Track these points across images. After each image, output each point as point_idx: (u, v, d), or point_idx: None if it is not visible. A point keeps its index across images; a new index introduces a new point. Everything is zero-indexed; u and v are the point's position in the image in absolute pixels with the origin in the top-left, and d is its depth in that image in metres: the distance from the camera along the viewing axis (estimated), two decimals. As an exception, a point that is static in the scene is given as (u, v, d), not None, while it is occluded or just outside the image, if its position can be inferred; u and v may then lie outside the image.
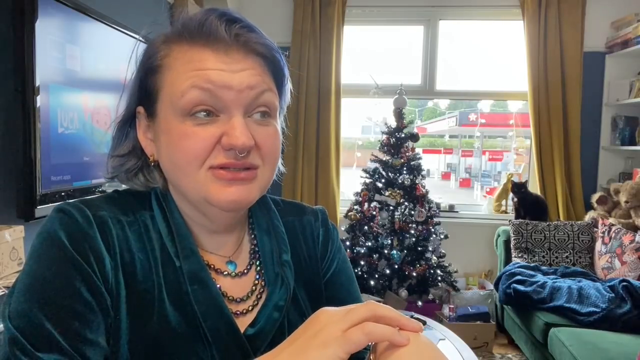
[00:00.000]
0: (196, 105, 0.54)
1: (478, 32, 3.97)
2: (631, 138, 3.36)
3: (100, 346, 0.51)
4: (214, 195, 0.55)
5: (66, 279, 0.51)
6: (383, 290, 3.13)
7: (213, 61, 0.54)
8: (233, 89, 0.54)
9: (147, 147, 0.61)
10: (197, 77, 0.54)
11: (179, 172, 0.57)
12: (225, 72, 0.54)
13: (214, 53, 0.55)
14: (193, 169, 0.55)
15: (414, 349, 0.44)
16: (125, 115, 0.62)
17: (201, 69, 0.54)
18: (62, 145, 1.80)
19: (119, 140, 0.63)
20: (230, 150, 0.54)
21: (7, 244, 1.48)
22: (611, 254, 2.89)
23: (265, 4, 3.64)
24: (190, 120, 0.54)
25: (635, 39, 3.17)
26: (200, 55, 0.55)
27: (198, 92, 0.54)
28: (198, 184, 0.56)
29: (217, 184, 0.55)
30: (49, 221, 0.54)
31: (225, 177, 0.55)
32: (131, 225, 0.58)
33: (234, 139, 0.53)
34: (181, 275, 0.58)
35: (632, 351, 2.04)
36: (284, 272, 0.65)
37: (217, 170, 0.55)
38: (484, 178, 7.24)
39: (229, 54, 0.55)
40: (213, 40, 0.55)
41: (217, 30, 0.54)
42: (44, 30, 1.66)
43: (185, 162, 0.55)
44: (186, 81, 0.54)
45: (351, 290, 0.74)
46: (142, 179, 0.63)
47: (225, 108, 0.55)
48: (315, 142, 3.55)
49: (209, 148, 0.54)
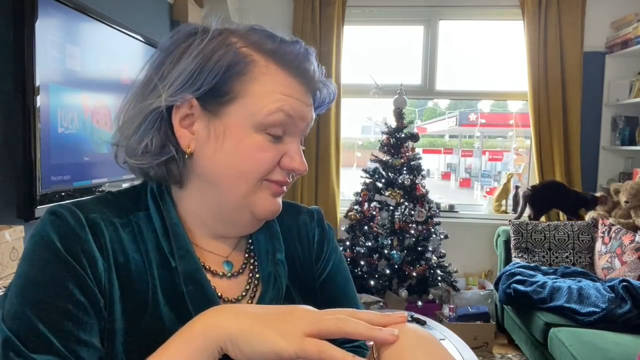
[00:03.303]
0: (276, 126, 0.58)
1: (478, 32, 3.97)
2: (631, 138, 3.36)
3: (95, 347, 0.51)
4: (262, 204, 0.60)
5: (59, 280, 0.51)
6: (383, 290, 3.13)
7: (300, 93, 0.60)
8: (305, 121, 0.61)
9: (184, 137, 0.58)
10: (287, 103, 0.58)
11: (237, 177, 0.58)
12: (305, 105, 0.61)
13: (301, 86, 0.60)
14: (255, 178, 0.59)
15: (416, 345, 0.44)
16: (169, 102, 0.57)
17: (290, 96, 0.59)
18: (62, 145, 1.80)
19: (146, 127, 0.58)
20: (289, 171, 0.61)
21: (7, 244, 1.48)
22: (611, 254, 2.89)
23: (265, 4, 3.64)
24: (265, 135, 0.58)
25: (635, 39, 3.17)
26: (291, 82, 0.59)
27: (284, 116, 0.58)
28: (249, 193, 0.59)
29: (267, 195, 0.61)
30: (42, 224, 0.54)
31: (277, 192, 0.62)
32: (125, 227, 0.58)
33: (298, 164, 0.60)
34: (177, 276, 0.58)
35: (632, 351, 2.04)
36: (277, 271, 0.65)
37: (272, 184, 0.61)
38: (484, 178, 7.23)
39: (307, 90, 0.61)
40: (304, 74, 0.60)
41: (310, 68, 0.61)
42: (44, 30, 1.66)
43: (254, 170, 0.58)
44: (275, 103, 0.58)
45: (347, 290, 0.74)
46: (173, 171, 0.60)
47: (292, 133, 0.61)
48: (315, 142, 3.55)
49: (275, 164, 0.60)
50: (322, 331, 0.44)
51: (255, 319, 0.46)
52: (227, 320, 0.46)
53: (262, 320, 0.46)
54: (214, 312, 0.48)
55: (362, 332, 0.44)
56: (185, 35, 0.59)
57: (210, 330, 0.46)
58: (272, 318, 0.46)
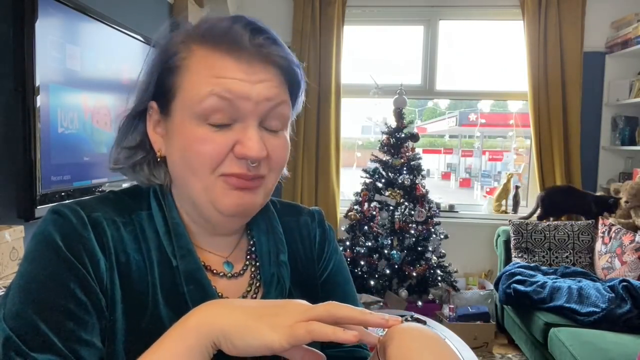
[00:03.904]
0: (214, 112, 0.54)
1: (478, 32, 3.97)
2: (631, 138, 3.36)
3: (96, 347, 0.51)
4: (221, 201, 0.57)
5: (60, 280, 0.51)
6: (383, 290, 3.13)
7: (234, 70, 0.54)
8: (251, 99, 0.55)
9: (156, 142, 0.61)
10: (217, 85, 0.54)
11: (189, 174, 0.57)
12: (245, 82, 0.54)
13: (236, 62, 0.55)
14: (205, 172, 0.56)
15: (423, 345, 0.44)
16: (136, 108, 0.62)
17: (222, 77, 0.54)
18: (62, 145, 1.80)
19: (127, 132, 0.63)
20: (242, 160, 0.55)
21: (7, 244, 1.48)
22: (611, 254, 2.89)
23: (265, 4, 3.64)
24: (207, 125, 0.55)
25: (635, 39, 3.17)
26: (222, 62, 0.55)
27: (217, 100, 0.54)
28: (207, 188, 0.57)
29: (225, 190, 0.56)
30: (44, 223, 0.54)
31: (236, 185, 0.56)
32: (126, 226, 0.58)
33: (248, 149, 0.54)
34: (178, 276, 0.58)
35: (632, 351, 2.04)
36: (281, 272, 0.65)
37: (228, 177, 0.56)
38: (484, 178, 7.22)
39: (250, 64, 0.55)
40: (236, 48, 0.55)
41: (241, 38, 0.54)
42: (44, 30, 1.66)
43: (199, 165, 0.56)
44: (206, 87, 0.54)
45: (347, 290, 0.74)
46: (147, 173, 0.63)
47: (241, 117, 0.55)
48: (315, 142, 3.55)
49: (224, 154, 0.55)
50: (312, 318, 0.44)
51: (248, 313, 0.46)
52: (220, 316, 0.46)
53: (255, 314, 0.45)
54: (208, 307, 0.47)
55: (353, 316, 0.45)
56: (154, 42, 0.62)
57: (204, 327, 0.45)
58: (265, 311, 0.46)
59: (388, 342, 0.46)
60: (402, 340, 0.46)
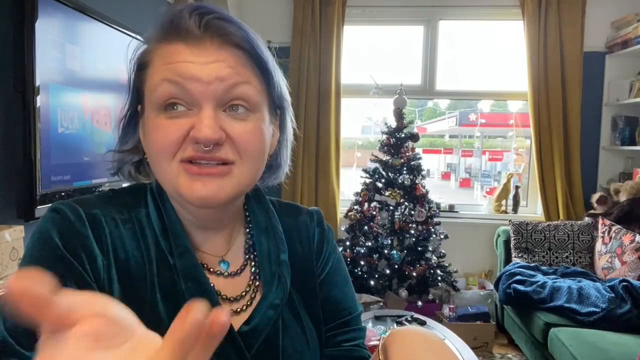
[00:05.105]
0: (167, 98, 0.54)
1: (478, 32, 3.96)
2: (631, 138, 3.36)
3: None
4: (184, 189, 0.55)
5: (57, 277, 0.51)
6: (383, 290, 3.13)
7: (185, 54, 0.54)
8: (201, 80, 0.53)
9: (143, 142, 0.62)
10: (168, 71, 0.54)
11: (155, 166, 0.58)
12: (194, 64, 0.53)
13: (187, 46, 0.54)
14: (164, 161, 0.55)
15: (426, 348, 0.44)
16: (126, 114, 0.63)
17: (172, 62, 0.54)
18: (62, 145, 1.80)
19: (124, 136, 0.65)
20: (198, 144, 0.54)
21: (7, 244, 1.48)
22: (611, 254, 2.89)
23: (265, 4, 3.64)
24: (164, 113, 0.55)
25: (635, 39, 3.17)
26: (174, 49, 0.55)
27: (168, 85, 0.54)
28: (169, 177, 0.56)
29: (186, 177, 0.55)
30: (43, 221, 0.54)
31: (193, 171, 0.55)
32: (125, 223, 0.58)
33: (197, 131, 0.53)
34: (175, 273, 0.58)
35: (632, 351, 2.04)
36: (282, 271, 0.65)
37: (186, 164, 0.55)
38: (484, 178, 7.22)
39: (201, 47, 0.54)
40: (184, 33, 0.54)
41: (186, 23, 0.54)
42: (44, 30, 1.66)
43: (156, 154, 0.56)
44: (159, 75, 0.55)
45: (346, 290, 0.74)
46: (143, 175, 0.65)
47: (195, 101, 0.54)
48: (315, 142, 3.55)
49: (179, 141, 0.54)
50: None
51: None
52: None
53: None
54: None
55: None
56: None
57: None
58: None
59: (390, 344, 0.46)
60: (403, 342, 0.46)
